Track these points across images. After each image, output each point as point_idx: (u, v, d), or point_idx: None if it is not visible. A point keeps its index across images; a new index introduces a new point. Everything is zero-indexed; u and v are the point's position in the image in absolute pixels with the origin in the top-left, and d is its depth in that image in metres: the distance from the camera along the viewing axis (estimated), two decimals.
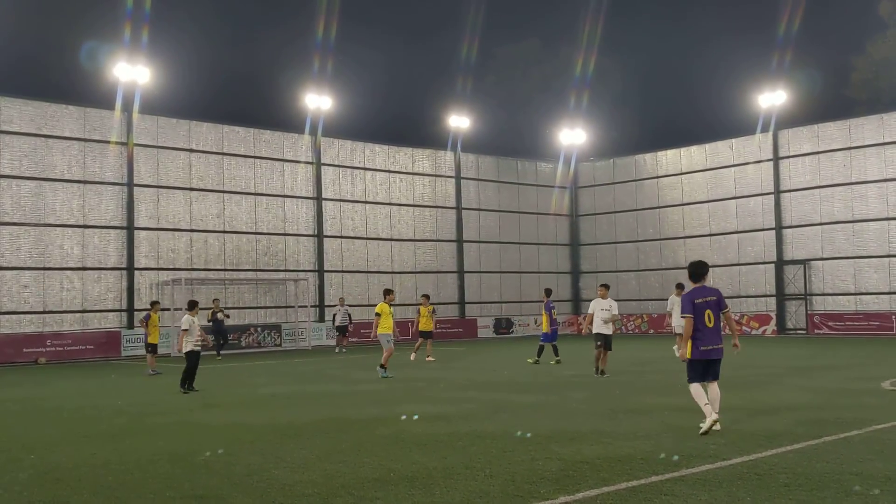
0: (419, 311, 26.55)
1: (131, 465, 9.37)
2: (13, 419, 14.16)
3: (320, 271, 37.49)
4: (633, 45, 68.80)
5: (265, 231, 36.23)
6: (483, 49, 60.02)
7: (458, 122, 42.78)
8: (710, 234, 41.72)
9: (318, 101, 37.69)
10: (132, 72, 32.22)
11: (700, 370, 10.69)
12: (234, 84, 58.45)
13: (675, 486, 7.83)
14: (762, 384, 16.50)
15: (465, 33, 59.08)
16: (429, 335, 26.11)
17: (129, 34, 34.84)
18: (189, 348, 17.32)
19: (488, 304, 43.65)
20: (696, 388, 10.68)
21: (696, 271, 11.10)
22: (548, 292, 24.45)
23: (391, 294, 21.32)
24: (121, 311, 32.10)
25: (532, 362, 23.06)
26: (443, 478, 8.38)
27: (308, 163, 37.82)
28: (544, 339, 23.48)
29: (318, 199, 37.78)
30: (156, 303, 23.93)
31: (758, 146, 40.10)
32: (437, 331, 29.80)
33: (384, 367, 19.87)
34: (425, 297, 27.22)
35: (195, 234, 34.21)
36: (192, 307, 17.82)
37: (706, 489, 7.68)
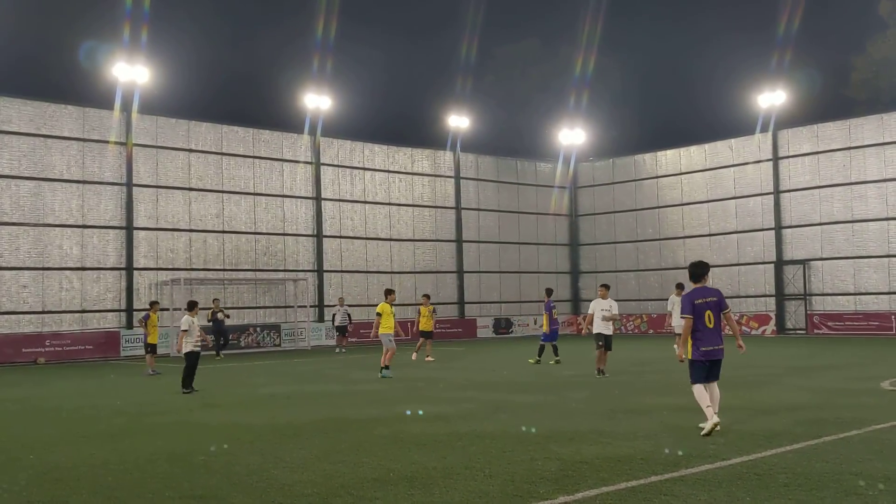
0: (419, 311, 26.55)
1: (130, 465, 9.37)
2: (12, 419, 14.15)
3: (319, 271, 37.48)
4: (632, 45, 68.80)
5: (264, 231, 36.22)
6: (482, 49, 60.06)
7: (458, 121, 42.77)
8: (710, 234, 41.73)
9: (318, 100, 37.68)
10: (131, 71, 32.21)
11: (703, 371, 10.63)
12: (233, 84, 58.45)
13: (675, 486, 7.83)
14: (762, 384, 16.51)
15: (465, 33, 59.07)
16: (429, 335, 26.10)
17: (129, 34, 34.81)
18: (188, 349, 17.30)
19: (487, 304, 43.65)
20: (699, 390, 10.61)
21: (696, 272, 11.03)
22: (549, 292, 24.45)
23: (392, 294, 21.26)
24: (120, 311, 32.10)
25: (533, 362, 23.07)
26: (442, 478, 8.38)
27: (307, 163, 37.82)
28: (544, 339, 23.50)
29: (318, 199, 37.78)
30: (155, 303, 23.91)
31: (757, 146, 40.11)
32: (437, 331, 29.76)
33: (387, 368, 19.82)
34: (426, 296, 27.20)
35: (194, 234, 34.20)
36: (191, 308, 17.80)
37: (706, 489, 7.68)
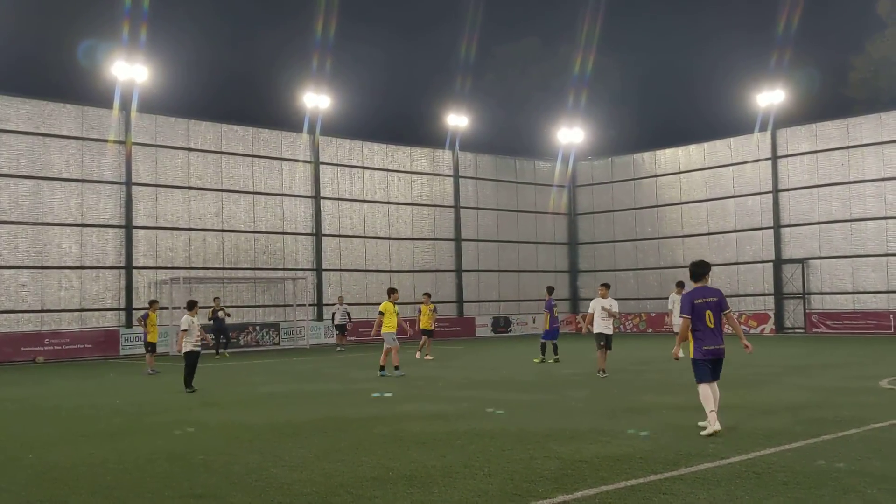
0: (420, 310, 26.52)
1: (129, 465, 9.37)
2: (11, 418, 14.14)
3: (318, 270, 37.47)
4: (631, 44, 68.88)
5: (263, 230, 36.21)
6: (482, 47, 60.09)
7: (457, 120, 42.74)
8: (709, 233, 41.73)
9: (317, 99, 37.66)
10: (130, 70, 32.18)
11: (707, 370, 10.54)
12: (232, 83, 58.46)
13: (674, 484, 7.84)
14: (760, 383, 16.51)
15: (464, 31, 59.19)
16: (430, 334, 26.07)
17: (128, 32, 34.87)
18: (188, 348, 17.29)
19: (486, 302, 43.65)
20: (704, 391, 10.49)
21: (697, 271, 10.97)
22: (550, 290, 24.41)
23: (395, 293, 21.04)
24: (119, 310, 32.08)
25: (538, 361, 23.00)
26: (441, 476, 8.38)
27: (306, 161, 37.80)
28: (545, 337, 23.48)
29: (317, 197, 37.76)
30: (154, 302, 23.89)
31: (756, 145, 40.12)
32: (435, 329, 29.73)
33: (397, 368, 19.72)
34: (427, 295, 27.18)
35: (193, 232, 34.19)
36: (191, 307, 17.78)
37: (705, 488, 7.69)
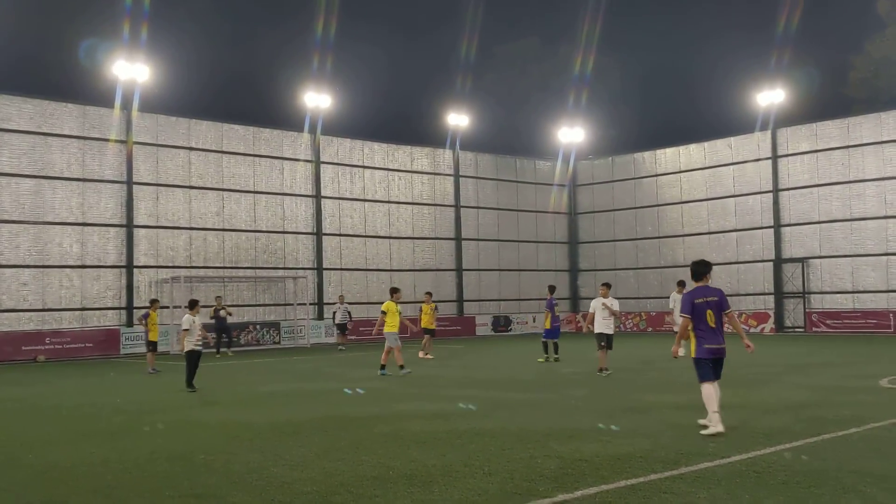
0: (421, 309, 26.52)
1: (130, 464, 9.38)
2: (12, 418, 14.16)
3: (319, 269, 37.48)
4: (632, 44, 68.92)
5: (264, 229, 36.22)
6: (482, 47, 60.08)
7: (457, 119, 42.74)
8: (709, 233, 41.73)
9: (318, 99, 37.66)
10: (131, 70, 32.18)
11: (710, 369, 10.53)
12: (233, 82, 58.50)
13: (674, 483, 7.85)
14: (760, 382, 16.52)
15: (465, 31, 59.21)
16: (431, 333, 26.07)
17: (129, 32, 34.82)
18: (189, 348, 17.30)
19: (487, 301, 43.66)
20: (708, 390, 10.47)
21: (698, 270, 10.96)
22: (551, 289, 24.38)
23: (398, 292, 20.94)
24: (120, 309, 32.09)
25: (543, 361, 22.94)
26: (441, 476, 8.39)
27: (307, 161, 37.81)
28: (546, 336, 23.47)
29: (317, 197, 37.77)
30: (155, 301, 23.89)
31: (756, 144, 40.11)
32: (436, 328, 29.74)
33: (402, 366, 19.64)
34: (428, 294, 27.17)
35: (194, 231, 34.21)
36: (192, 306, 17.80)
37: (705, 487, 7.70)
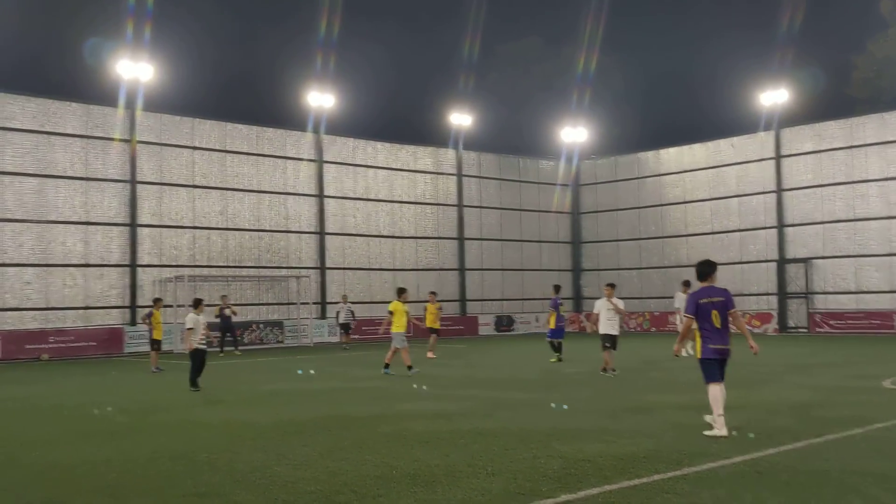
0: (426, 308, 26.51)
1: (132, 464, 9.38)
2: (14, 416, 14.18)
3: (322, 268, 37.50)
4: (634, 44, 68.87)
5: (267, 228, 36.25)
6: (485, 46, 60.01)
7: (460, 119, 42.75)
8: (713, 233, 41.69)
9: (321, 98, 37.68)
10: (135, 69, 32.22)
11: (715, 369, 10.50)
12: (236, 81, 58.55)
13: (677, 483, 7.85)
14: (763, 382, 16.51)
15: (467, 31, 59.00)
16: (436, 332, 26.06)
17: (132, 31, 34.83)
18: (194, 346, 17.31)
19: (489, 301, 43.65)
20: (714, 392, 10.41)
21: (703, 270, 10.87)
22: (556, 289, 24.33)
23: (405, 293, 20.93)
24: (123, 307, 32.13)
25: (554, 361, 22.77)
26: (445, 475, 8.39)
27: (310, 160, 37.82)
28: (551, 336, 23.42)
29: (321, 196, 37.79)
30: (158, 300, 23.89)
31: (760, 144, 40.06)
32: (441, 328, 29.72)
33: (409, 367, 19.57)
34: (432, 293, 27.18)
35: (198, 231, 34.24)
36: (196, 305, 17.82)
37: (708, 487, 7.70)
